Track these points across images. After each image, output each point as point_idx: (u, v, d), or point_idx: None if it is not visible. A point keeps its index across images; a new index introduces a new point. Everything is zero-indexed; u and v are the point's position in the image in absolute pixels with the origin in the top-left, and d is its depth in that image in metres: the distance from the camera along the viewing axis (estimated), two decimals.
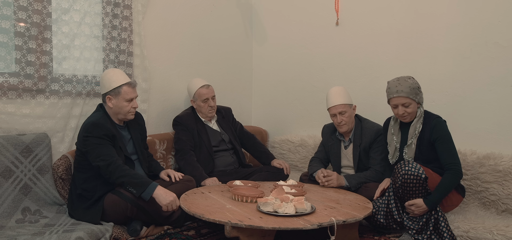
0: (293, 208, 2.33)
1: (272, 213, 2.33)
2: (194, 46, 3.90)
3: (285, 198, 2.40)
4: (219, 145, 3.52)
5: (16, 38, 2.77)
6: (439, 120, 2.74)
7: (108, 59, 3.22)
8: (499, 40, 2.99)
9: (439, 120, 2.74)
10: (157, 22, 3.59)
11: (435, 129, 2.69)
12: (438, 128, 2.69)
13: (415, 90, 2.70)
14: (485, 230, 2.49)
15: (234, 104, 4.04)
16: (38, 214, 2.67)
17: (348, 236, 2.46)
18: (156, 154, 3.40)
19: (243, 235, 2.22)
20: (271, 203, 2.38)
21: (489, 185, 2.89)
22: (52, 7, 2.92)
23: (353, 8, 3.71)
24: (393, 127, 2.89)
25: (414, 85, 2.71)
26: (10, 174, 2.65)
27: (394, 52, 3.48)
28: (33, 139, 2.77)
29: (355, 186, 2.99)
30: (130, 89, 2.83)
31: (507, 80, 2.97)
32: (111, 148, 2.67)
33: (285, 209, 2.32)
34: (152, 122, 3.60)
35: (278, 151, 4.05)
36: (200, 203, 2.53)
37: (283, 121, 4.26)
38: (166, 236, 2.71)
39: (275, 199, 2.41)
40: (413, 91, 2.69)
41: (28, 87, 2.84)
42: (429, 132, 2.71)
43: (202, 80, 3.53)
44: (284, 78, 4.21)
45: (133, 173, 2.65)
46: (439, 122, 2.73)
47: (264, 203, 2.39)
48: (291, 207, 2.33)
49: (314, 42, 3.97)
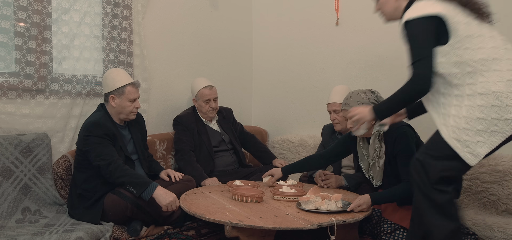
0: (334, 205, 2.39)
1: (315, 210, 2.37)
2: (194, 46, 3.90)
3: (325, 195, 2.45)
4: (219, 145, 3.52)
5: (16, 38, 2.77)
6: (401, 131, 2.47)
7: (108, 59, 3.22)
8: None
9: (401, 132, 2.47)
10: (157, 22, 3.59)
11: (396, 143, 2.47)
12: (398, 142, 2.46)
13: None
14: (486, 227, 2.51)
15: (234, 104, 4.04)
16: (38, 214, 2.67)
17: (348, 236, 2.46)
18: (156, 154, 3.40)
19: (243, 235, 2.22)
20: (312, 201, 2.43)
21: (489, 185, 2.89)
22: (52, 7, 2.92)
23: (353, 8, 3.71)
24: (361, 140, 2.68)
25: (363, 101, 2.52)
26: (10, 174, 2.65)
27: (394, 52, 3.47)
28: (33, 139, 2.77)
29: (354, 186, 2.99)
30: (133, 89, 2.84)
31: None
32: (111, 147, 2.68)
33: (328, 206, 2.38)
34: (152, 122, 3.60)
35: (278, 151, 4.05)
36: (200, 203, 2.53)
37: (283, 121, 4.25)
38: (166, 236, 2.71)
39: (316, 197, 2.46)
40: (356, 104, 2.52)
41: (28, 87, 2.84)
42: (391, 146, 2.50)
43: (206, 80, 3.52)
44: (284, 78, 4.21)
45: (133, 173, 2.65)
46: (401, 134, 2.46)
47: (306, 201, 2.43)
48: (333, 204, 2.39)
49: (314, 42, 3.97)
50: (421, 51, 1.94)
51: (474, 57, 1.92)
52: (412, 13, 1.97)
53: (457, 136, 1.90)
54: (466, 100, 1.92)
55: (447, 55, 1.95)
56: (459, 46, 1.93)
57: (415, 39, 1.96)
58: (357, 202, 2.39)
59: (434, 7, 1.94)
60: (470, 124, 1.88)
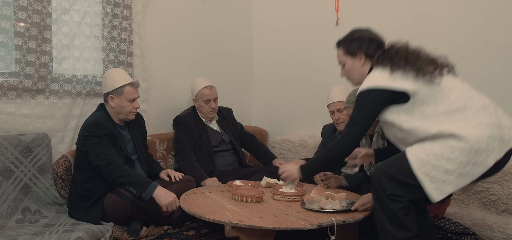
0: (338, 204, 2.39)
1: (319, 210, 2.38)
2: (194, 46, 3.90)
3: (329, 195, 2.46)
4: (219, 145, 3.52)
5: (16, 38, 2.77)
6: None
7: (108, 59, 3.22)
8: (499, 40, 2.99)
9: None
10: (157, 22, 3.59)
11: None
12: None
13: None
14: (486, 227, 2.51)
15: (234, 104, 4.04)
16: (38, 214, 2.67)
17: (348, 236, 2.45)
18: (156, 154, 3.39)
19: (243, 235, 2.22)
20: (316, 200, 2.43)
21: (489, 185, 2.88)
22: (52, 7, 2.92)
23: (353, 8, 3.71)
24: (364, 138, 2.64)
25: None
26: (10, 174, 2.65)
27: None
28: (33, 139, 2.77)
29: (354, 186, 2.99)
30: (133, 89, 2.84)
31: (507, 80, 2.97)
32: (111, 147, 2.68)
33: (332, 205, 2.38)
34: (152, 122, 3.60)
35: (278, 151, 4.05)
36: (200, 203, 2.53)
37: (283, 121, 4.25)
38: (166, 236, 2.71)
39: (320, 196, 2.46)
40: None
41: (28, 87, 2.84)
42: None
43: (206, 80, 3.52)
44: (284, 78, 4.21)
45: (133, 173, 2.65)
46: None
47: (311, 201, 2.44)
48: (337, 203, 2.39)
49: (314, 42, 3.97)
50: (355, 123, 2.07)
51: (437, 110, 1.96)
52: (364, 84, 2.06)
53: (426, 170, 1.91)
54: (437, 142, 1.93)
55: (409, 112, 1.99)
56: (421, 104, 1.98)
57: (357, 108, 2.07)
58: (361, 201, 2.40)
59: (385, 81, 1.99)
60: (440, 162, 1.89)
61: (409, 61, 2.00)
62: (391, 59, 2.02)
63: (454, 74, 2.09)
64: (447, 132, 1.89)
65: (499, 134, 1.89)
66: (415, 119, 1.97)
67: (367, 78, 2.08)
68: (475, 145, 1.85)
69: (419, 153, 1.93)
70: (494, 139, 1.87)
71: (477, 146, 1.85)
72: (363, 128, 2.07)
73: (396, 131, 2.05)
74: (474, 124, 1.89)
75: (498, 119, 1.92)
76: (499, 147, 1.88)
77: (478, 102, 1.95)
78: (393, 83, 1.98)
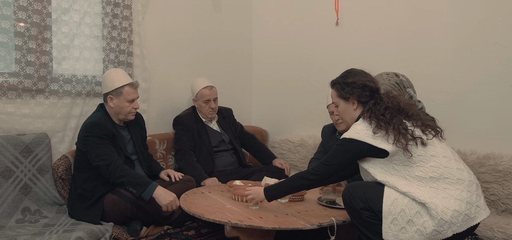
0: None
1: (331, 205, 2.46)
2: (194, 46, 3.90)
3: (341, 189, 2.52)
4: (219, 146, 3.52)
5: (16, 38, 2.77)
6: None
7: (108, 59, 3.22)
8: (499, 40, 2.99)
9: None
10: (157, 22, 3.59)
11: None
12: None
13: None
14: (486, 227, 2.51)
15: (234, 104, 4.04)
16: (38, 214, 2.67)
17: (348, 236, 2.46)
18: (156, 154, 3.39)
19: (243, 235, 2.22)
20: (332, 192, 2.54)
21: (489, 185, 2.88)
22: (52, 7, 2.92)
23: (353, 8, 3.71)
24: None
25: None
26: (10, 174, 2.65)
27: (394, 52, 3.47)
28: (33, 139, 2.77)
29: None
30: (132, 89, 2.83)
31: (507, 80, 2.97)
32: (111, 148, 2.68)
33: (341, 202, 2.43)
34: (152, 122, 3.60)
35: (278, 151, 4.05)
36: (200, 203, 2.53)
37: (283, 121, 4.25)
38: (166, 236, 2.71)
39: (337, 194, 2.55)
40: None
41: (27, 87, 2.84)
42: None
43: (207, 80, 3.52)
44: (284, 78, 4.21)
45: (133, 173, 2.65)
46: None
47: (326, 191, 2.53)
48: None
49: (314, 42, 3.97)
50: (329, 165, 2.15)
51: (412, 173, 2.05)
52: (349, 133, 2.13)
53: (392, 210, 2.02)
54: (408, 198, 2.02)
55: (385, 167, 2.09)
56: (397, 163, 2.07)
57: (336, 152, 2.15)
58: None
59: (367, 138, 2.07)
60: (407, 212, 2.00)
61: (393, 124, 2.06)
62: (376, 119, 2.09)
63: (441, 138, 2.16)
64: (417, 197, 1.99)
65: (465, 210, 1.97)
66: (390, 174, 2.08)
67: (352, 127, 2.15)
68: (440, 215, 1.94)
69: (395, 194, 2.04)
70: (459, 214, 1.96)
71: (441, 216, 1.94)
72: (333, 171, 2.16)
73: (370, 178, 2.15)
74: (443, 196, 1.98)
75: (469, 196, 2.00)
76: (462, 223, 1.96)
77: (454, 176, 2.03)
78: (375, 141, 2.06)
